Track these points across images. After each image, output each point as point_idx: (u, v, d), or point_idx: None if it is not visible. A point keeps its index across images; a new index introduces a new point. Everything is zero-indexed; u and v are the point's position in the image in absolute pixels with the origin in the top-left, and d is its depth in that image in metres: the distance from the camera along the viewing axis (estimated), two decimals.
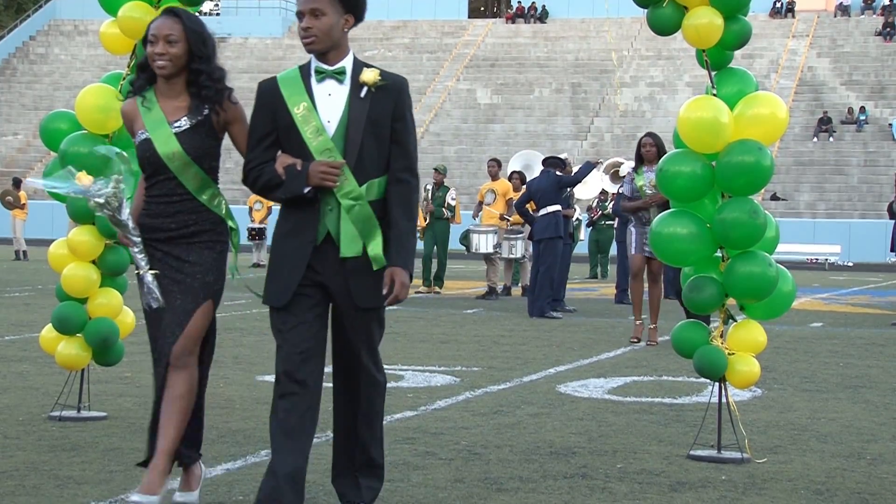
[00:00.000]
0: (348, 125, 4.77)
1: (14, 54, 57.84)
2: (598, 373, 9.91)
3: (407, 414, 7.59)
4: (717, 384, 6.51)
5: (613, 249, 21.80)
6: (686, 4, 6.22)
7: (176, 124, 5.05)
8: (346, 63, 4.84)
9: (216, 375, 7.51)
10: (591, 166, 16.49)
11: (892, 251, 19.10)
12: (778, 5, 53.65)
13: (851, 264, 36.46)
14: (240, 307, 15.14)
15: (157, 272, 5.02)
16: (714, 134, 6.13)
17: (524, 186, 17.77)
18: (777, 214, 36.48)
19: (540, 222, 15.82)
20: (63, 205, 6.99)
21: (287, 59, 52.11)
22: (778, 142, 35.84)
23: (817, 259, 37.06)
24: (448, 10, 57.58)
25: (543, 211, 15.81)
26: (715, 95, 6.27)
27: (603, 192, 23.39)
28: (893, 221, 19.23)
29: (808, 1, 53.52)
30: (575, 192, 17.81)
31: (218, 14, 59.34)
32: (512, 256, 19.23)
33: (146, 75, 5.14)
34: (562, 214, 15.88)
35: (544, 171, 16.25)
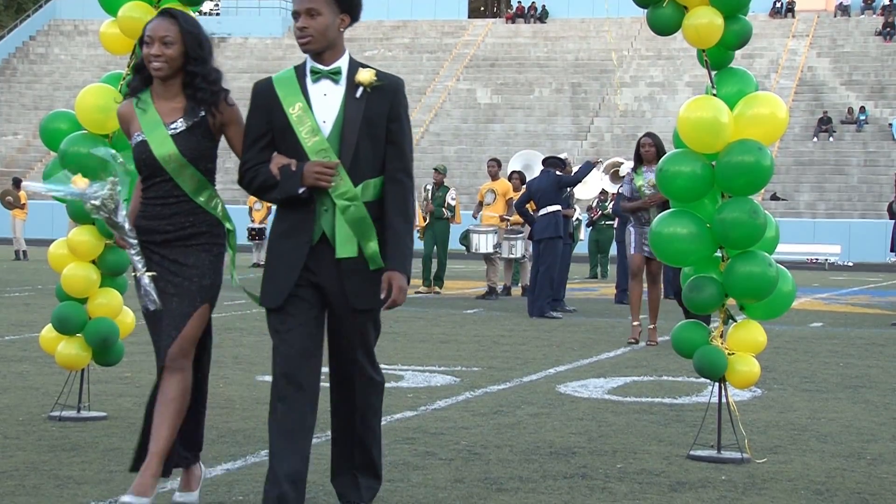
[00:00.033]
0: (344, 125, 4.74)
1: (14, 54, 57.83)
2: (598, 373, 9.91)
3: (407, 414, 7.58)
4: (717, 384, 6.51)
5: (613, 249, 21.80)
6: (686, 4, 6.21)
7: (172, 126, 5.03)
8: (342, 63, 4.82)
9: (216, 375, 7.51)
10: (591, 166, 16.48)
11: (892, 251, 19.08)
12: (778, 5, 53.64)
13: (851, 264, 36.43)
14: (240, 307, 15.14)
15: (154, 274, 5.01)
16: (714, 134, 6.12)
17: (524, 186, 17.77)
18: (777, 214, 36.48)
19: (540, 222, 15.82)
20: (63, 205, 6.98)
21: (287, 59, 52.06)
22: (778, 142, 35.83)
23: (817, 259, 37.04)
24: (448, 10, 57.57)
25: (543, 211, 15.80)
26: (715, 95, 6.27)
27: (603, 192, 23.39)
28: (893, 221, 19.22)
29: (808, 1, 53.50)
30: (575, 192, 17.80)
31: (218, 14, 59.32)
32: (512, 256, 19.23)
33: (142, 76, 5.11)
34: (562, 214, 15.88)
35: (544, 171, 16.24)
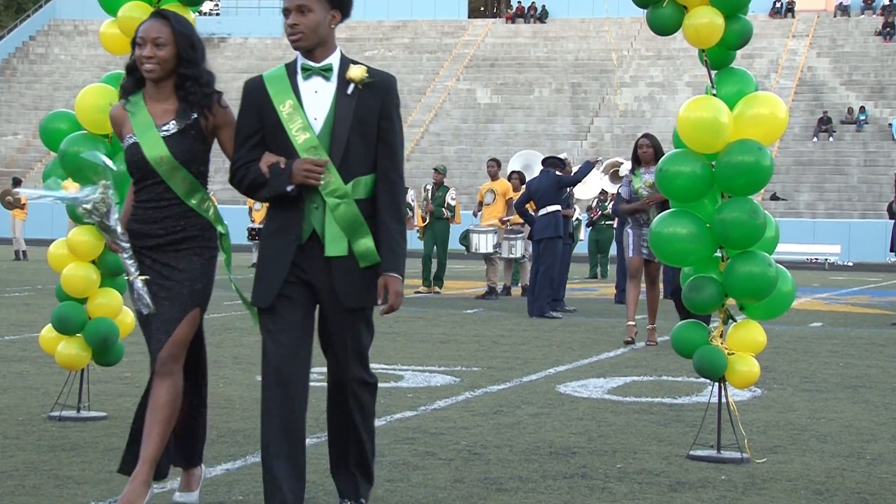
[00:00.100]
0: (335, 123, 4.71)
1: (14, 54, 57.86)
2: (598, 373, 9.91)
3: (407, 414, 7.58)
4: (717, 384, 6.51)
5: (613, 249, 21.80)
6: (686, 4, 6.21)
7: (164, 128, 4.99)
8: (333, 60, 4.79)
9: (216, 375, 7.52)
10: (591, 166, 16.48)
11: (892, 251, 19.08)
12: (778, 5, 53.66)
13: (851, 264, 36.45)
14: (239, 307, 15.12)
15: (147, 278, 4.97)
16: (714, 134, 6.12)
17: (524, 186, 17.76)
18: (777, 214, 36.48)
19: (540, 222, 15.82)
20: (63, 205, 6.97)
21: (287, 59, 51.36)
22: (778, 142, 35.85)
23: (817, 259, 37.05)
24: (448, 10, 57.58)
25: (543, 211, 15.80)
26: (715, 95, 6.27)
27: (603, 192, 23.39)
28: (893, 221, 19.22)
29: (808, 1, 53.52)
30: (575, 192, 17.80)
31: (218, 14, 59.34)
32: (512, 256, 19.23)
33: (134, 78, 5.07)
34: (561, 214, 15.88)
35: (544, 171, 16.24)
